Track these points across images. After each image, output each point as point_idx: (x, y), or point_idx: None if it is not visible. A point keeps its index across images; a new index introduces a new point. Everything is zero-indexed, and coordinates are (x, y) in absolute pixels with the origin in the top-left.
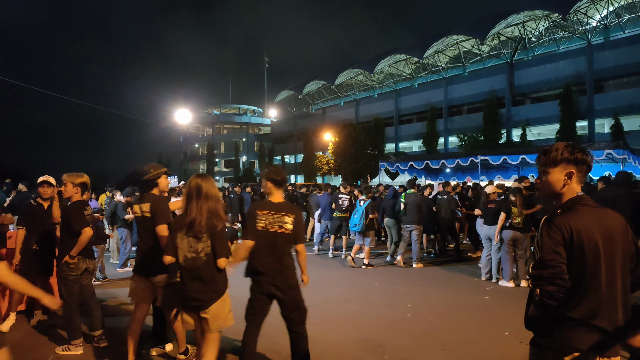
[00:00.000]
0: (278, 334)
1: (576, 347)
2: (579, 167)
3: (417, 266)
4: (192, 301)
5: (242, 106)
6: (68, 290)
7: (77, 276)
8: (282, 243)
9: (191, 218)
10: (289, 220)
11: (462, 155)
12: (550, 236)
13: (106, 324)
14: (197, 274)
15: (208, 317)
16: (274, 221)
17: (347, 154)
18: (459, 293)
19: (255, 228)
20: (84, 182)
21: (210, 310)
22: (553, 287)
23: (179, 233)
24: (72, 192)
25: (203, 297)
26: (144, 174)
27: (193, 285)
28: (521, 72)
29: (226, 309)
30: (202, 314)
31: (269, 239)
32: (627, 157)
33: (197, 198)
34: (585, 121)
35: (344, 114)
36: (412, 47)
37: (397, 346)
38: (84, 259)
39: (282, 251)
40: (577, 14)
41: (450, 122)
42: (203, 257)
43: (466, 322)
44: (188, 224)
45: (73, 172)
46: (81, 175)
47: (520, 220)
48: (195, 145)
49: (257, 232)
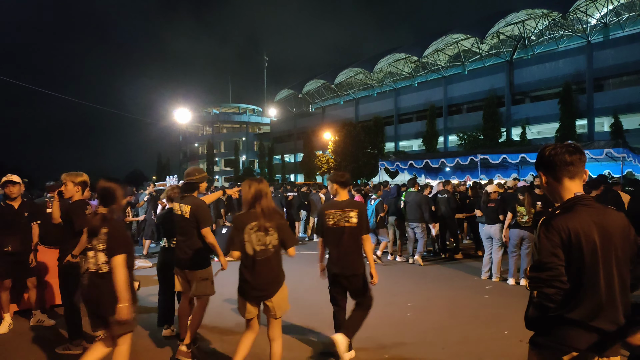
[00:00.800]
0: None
1: (575, 347)
2: (547, 170)
3: (417, 259)
4: (258, 291)
5: (242, 105)
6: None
7: (79, 275)
8: (349, 235)
9: (258, 216)
10: (354, 215)
11: (462, 154)
12: (548, 238)
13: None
14: (266, 264)
15: (273, 306)
16: (341, 217)
17: (346, 153)
18: (460, 292)
19: (326, 225)
20: (84, 181)
21: (274, 300)
22: (551, 290)
23: (245, 229)
24: (73, 192)
25: (269, 288)
26: (188, 176)
27: (261, 277)
28: (521, 70)
29: (286, 297)
30: (267, 303)
31: (337, 232)
32: (627, 155)
33: (260, 200)
34: (585, 120)
35: (344, 113)
36: (412, 45)
37: (397, 345)
38: (86, 259)
39: (350, 242)
40: (577, 12)
41: (450, 121)
42: (271, 248)
43: (466, 320)
44: (257, 221)
45: (72, 172)
46: (81, 174)
47: (529, 219)
48: (195, 144)
49: (327, 228)
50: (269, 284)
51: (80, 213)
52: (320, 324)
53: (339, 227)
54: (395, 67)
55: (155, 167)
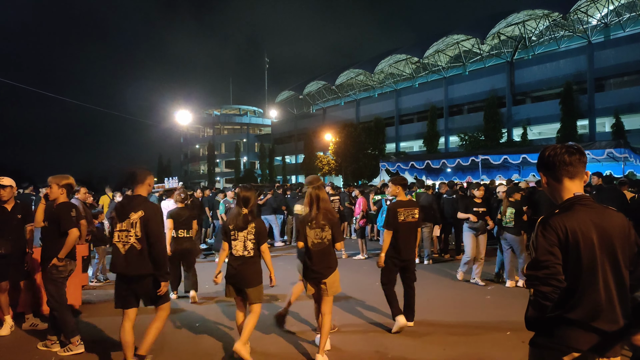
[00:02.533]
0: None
1: (575, 347)
2: (547, 171)
3: (428, 263)
4: (316, 274)
5: (243, 107)
6: (59, 292)
7: (65, 278)
8: (414, 228)
9: (315, 215)
10: (416, 212)
11: (463, 155)
12: (545, 237)
13: (108, 322)
14: (322, 254)
15: (327, 286)
16: (409, 214)
17: (347, 154)
18: (461, 292)
19: (398, 221)
20: (69, 184)
21: (327, 281)
22: (547, 288)
23: (307, 226)
24: (57, 194)
25: (324, 271)
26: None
27: (318, 263)
28: (522, 71)
29: (338, 280)
30: (322, 284)
31: (407, 227)
32: (629, 156)
33: (317, 202)
34: (586, 120)
35: (345, 114)
36: (413, 46)
37: (398, 345)
38: (70, 261)
39: (414, 234)
40: (578, 12)
41: (451, 122)
42: (326, 242)
43: (468, 321)
44: (315, 220)
45: (58, 174)
46: (66, 177)
47: (509, 221)
48: (196, 146)
49: (399, 224)
50: (324, 269)
51: (66, 214)
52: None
53: (407, 222)
54: (395, 68)
55: (157, 168)
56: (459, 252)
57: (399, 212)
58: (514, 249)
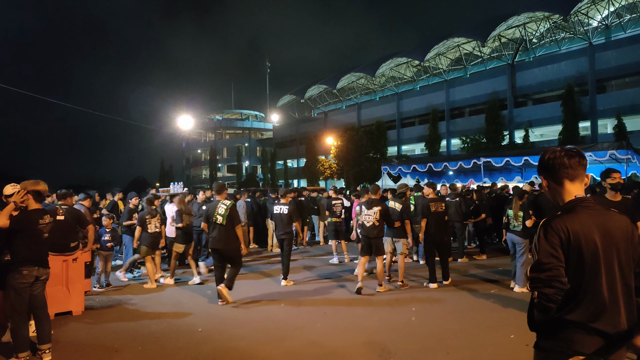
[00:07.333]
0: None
1: (579, 350)
2: (547, 174)
3: (423, 262)
4: (368, 239)
5: (244, 111)
6: (16, 299)
7: (27, 284)
8: (442, 216)
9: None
10: (443, 205)
11: (465, 158)
12: (547, 239)
13: (111, 328)
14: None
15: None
16: (437, 206)
17: (349, 157)
18: (464, 296)
19: (430, 211)
20: (39, 190)
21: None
22: (550, 290)
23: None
24: (25, 198)
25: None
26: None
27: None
28: (523, 73)
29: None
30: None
31: (437, 215)
32: (631, 157)
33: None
34: (588, 122)
35: (346, 118)
36: (413, 50)
37: (401, 350)
38: (37, 268)
39: (444, 221)
40: (578, 14)
41: (453, 125)
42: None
43: (471, 325)
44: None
45: (31, 180)
46: (38, 183)
47: (518, 224)
48: (198, 150)
49: (431, 214)
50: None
51: (37, 221)
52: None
53: (437, 212)
54: (397, 72)
55: (159, 173)
56: (462, 255)
57: (432, 205)
58: (517, 250)
